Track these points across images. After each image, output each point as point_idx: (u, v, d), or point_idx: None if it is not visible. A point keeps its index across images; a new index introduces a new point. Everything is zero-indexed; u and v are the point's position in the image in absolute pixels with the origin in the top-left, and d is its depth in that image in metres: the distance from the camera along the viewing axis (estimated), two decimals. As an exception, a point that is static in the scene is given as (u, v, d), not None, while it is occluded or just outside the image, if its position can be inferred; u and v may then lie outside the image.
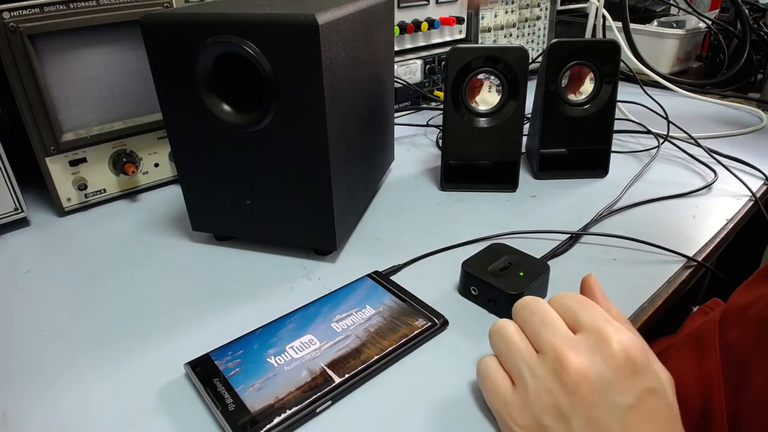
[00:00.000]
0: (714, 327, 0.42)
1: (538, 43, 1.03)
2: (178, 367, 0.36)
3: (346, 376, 0.34)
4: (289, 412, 0.32)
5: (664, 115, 0.77)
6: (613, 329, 0.29)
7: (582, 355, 0.28)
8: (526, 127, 0.69)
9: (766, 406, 0.34)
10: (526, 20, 0.99)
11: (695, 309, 0.54)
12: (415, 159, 0.70)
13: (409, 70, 0.85)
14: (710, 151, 0.69)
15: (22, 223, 0.56)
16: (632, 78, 0.96)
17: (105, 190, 0.59)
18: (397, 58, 0.78)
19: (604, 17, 0.97)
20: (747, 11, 0.97)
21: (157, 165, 0.62)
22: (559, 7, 1.04)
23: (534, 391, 0.29)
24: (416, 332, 0.38)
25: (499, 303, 0.40)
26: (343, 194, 0.46)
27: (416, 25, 0.82)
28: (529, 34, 1.01)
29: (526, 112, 0.60)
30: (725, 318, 0.41)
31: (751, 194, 0.59)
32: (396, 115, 0.82)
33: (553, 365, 0.28)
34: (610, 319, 0.30)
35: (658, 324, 0.43)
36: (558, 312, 0.31)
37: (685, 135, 0.73)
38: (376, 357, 0.36)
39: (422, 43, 0.86)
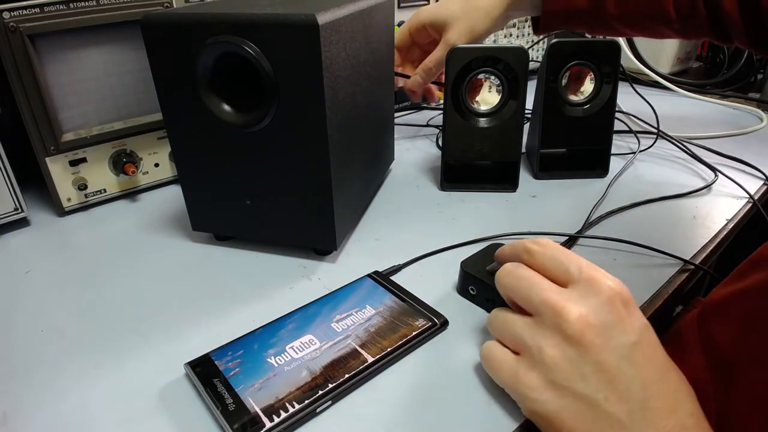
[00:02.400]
0: (692, 324, 0.42)
1: (538, 43, 1.02)
2: (178, 367, 0.36)
3: (346, 376, 0.34)
4: (289, 412, 0.32)
5: (655, 116, 0.77)
6: (602, 274, 0.30)
7: (578, 304, 0.29)
8: (526, 127, 0.69)
9: (754, 404, 0.34)
10: (526, 20, 0.99)
11: (679, 309, 0.54)
12: (415, 159, 0.70)
13: (409, 70, 0.85)
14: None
15: (22, 223, 0.56)
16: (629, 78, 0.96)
17: (105, 190, 0.59)
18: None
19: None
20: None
21: (157, 165, 0.62)
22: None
23: (538, 352, 0.29)
24: (416, 332, 0.38)
25: (497, 302, 0.40)
26: (343, 194, 0.46)
27: (416, 25, 0.82)
28: (529, 34, 1.01)
29: (526, 112, 0.60)
30: (703, 314, 0.42)
31: (749, 196, 0.59)
32: (396, 115, 0.82)
33: (553, 321, 0.29)
34: (594, 266, 0.31)
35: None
36: (542, 263, 0.32)
37: (679, 135, 0.73)
38: (376, 357, 0.36)
39: (422, 43, 0.86)
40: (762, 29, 0.54)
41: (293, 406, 0.32)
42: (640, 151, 0.71)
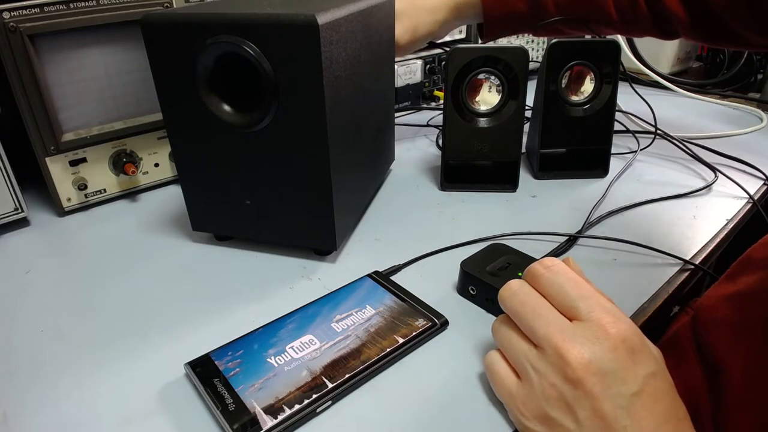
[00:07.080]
0: (688, 329, 0.42)
1: (538, 43, 1.02)
2: (178, 367, 0.36)
3: (347, 376, 0.34)
4: (289, 412, 0.32)
5: (653, 118, 0.77)
6: (612, 319, 0.29)
7: (582, 348, 0.28)
8: (526, 127, 0.69)
9: (747, 408, 0.34)
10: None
11: (676, 309, 0.55)
12: (415, 159, 0.70)
13: (409, 70, 0.85)
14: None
15: (22, 223, 0.56)
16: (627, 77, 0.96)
17: (105, 190, 0.59)
18: (397, 58, 0.78)
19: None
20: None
21: (157, 165, 0.62)
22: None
23: (538, 385, 0.29)
24: (416, 332, 0.38)
25: (497, 303, 0.40)
26: (343, 194, 0.46)
27: (416, 25, 0.82)
28: (529, 34, 1.01)
29: (526, 112, 0.60)
30: (696, 320, 0.42)
31: (749, 197, 0.59)
32: (396, 115, 0.82)
33: (554, 359, 0.29)
34: (606, 306, 0.30)
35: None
36: (548, 291, 0.31)
37: (679, 135, 0.73)
38: (376, 357, 0.36)
39: (422, 43, 0.86)
40: (711, 22, 0.53)
41: (293, 407, 0.32)
42: (641, 150, 0.71)
